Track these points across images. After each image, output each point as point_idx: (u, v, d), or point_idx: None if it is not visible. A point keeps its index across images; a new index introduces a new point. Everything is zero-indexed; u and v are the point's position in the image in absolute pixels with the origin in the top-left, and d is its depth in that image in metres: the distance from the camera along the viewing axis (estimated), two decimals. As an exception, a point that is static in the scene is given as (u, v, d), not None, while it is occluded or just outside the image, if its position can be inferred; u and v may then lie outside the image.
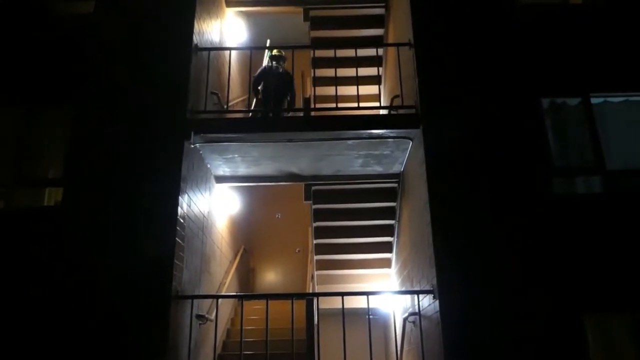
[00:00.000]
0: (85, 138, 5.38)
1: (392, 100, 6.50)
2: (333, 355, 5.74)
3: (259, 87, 7.35)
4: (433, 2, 5.86)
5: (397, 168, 6.63)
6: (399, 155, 6.21)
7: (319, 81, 8.47)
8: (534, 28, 5.76)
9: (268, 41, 8.20)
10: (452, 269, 4.75)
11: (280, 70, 7.47)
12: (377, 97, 8.74)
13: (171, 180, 5.14)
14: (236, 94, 8.68)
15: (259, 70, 7.54)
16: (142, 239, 4.94)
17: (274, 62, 7.53)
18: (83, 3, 6.14)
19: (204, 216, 6.13)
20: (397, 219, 7.20)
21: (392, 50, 7.48)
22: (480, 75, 5.53)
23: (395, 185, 6.98)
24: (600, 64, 5.61)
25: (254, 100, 7.38)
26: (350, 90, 6.82)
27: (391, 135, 5.69)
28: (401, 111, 5.92)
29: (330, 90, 6.61)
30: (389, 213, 7.33)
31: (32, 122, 5.63)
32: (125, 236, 4.97)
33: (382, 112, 7.05)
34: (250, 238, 10.39)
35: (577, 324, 4.61)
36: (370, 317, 5.36)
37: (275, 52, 7.66)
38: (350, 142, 5.81)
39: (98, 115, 5.47)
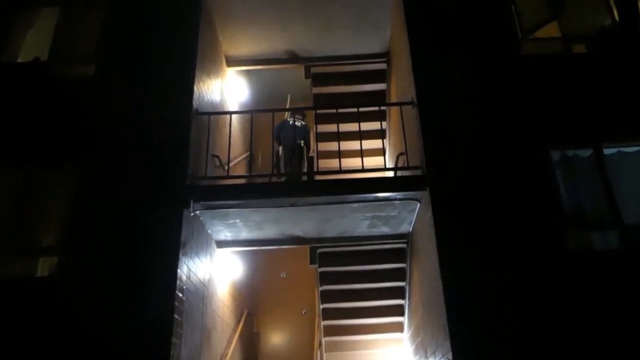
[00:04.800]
0: (83, 205, 5.21)
1: (397, 158, 6.32)
2: None
3: (279, 140, 7.38)
4: (434, 57, 5.78)
5: (406, 228, 6.37)
6: (406, 215, 5.97)
7: (322, 137, 8.38)
8: (538, 80, 5.66)
9: (289, 97, 8.27)
10: (468, 339, 4.45)
11: (298, 124, 7.42)
12: (381, 151, 8.57)
13: (170, 251, 4.91)
14: (238, 152, 8.56)
15: (278, 124, 7.51)
16: (138, 315, 4.66)
17: (295, 116, 7.56)
18: (83, 66, 6.08)
19: (204, 285, 5.85)
20: (408, 281, 6.87)
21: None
22: (487, 131, 5.38)
23: (404, 245, 6.70)
24: (610, 113, 5.47)
25: (276, 157, 7.29)
26: (354, 145, 6.64)
27: (397, 197, 5.49)
28: (407, 172, 5.72)
29: (334, 146, 6.47)
30: (399, 274, 7.00)
31: (28, 189, 5.45)
32: (121, 312, 4.70)
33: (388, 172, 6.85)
34: (254, 300, 9.97)
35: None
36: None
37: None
38: (355, 205, 5.60)
39: (96, 181, 5.31)
